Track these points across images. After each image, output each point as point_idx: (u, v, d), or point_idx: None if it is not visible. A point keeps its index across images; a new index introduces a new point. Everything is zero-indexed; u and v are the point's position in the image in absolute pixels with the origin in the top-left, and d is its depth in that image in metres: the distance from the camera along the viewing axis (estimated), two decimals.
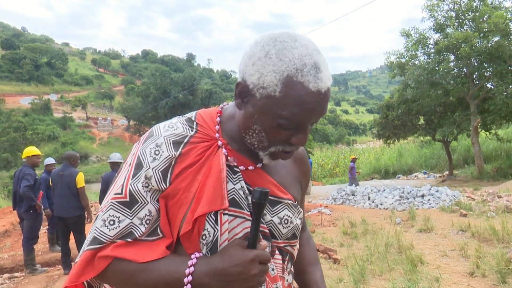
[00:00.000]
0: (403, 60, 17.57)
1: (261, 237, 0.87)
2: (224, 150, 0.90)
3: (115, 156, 6.72)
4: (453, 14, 16.58)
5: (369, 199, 10.70)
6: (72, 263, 5.68)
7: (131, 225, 0.83)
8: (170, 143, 0.88)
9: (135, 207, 0.84)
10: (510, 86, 15.02)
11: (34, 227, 5.94)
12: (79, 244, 5.65)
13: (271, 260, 0.88)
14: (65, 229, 5.55)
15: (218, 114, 0.96)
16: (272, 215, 0.91)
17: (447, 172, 19.01)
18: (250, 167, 0.92)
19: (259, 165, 0.93)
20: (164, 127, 0.91)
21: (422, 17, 17.23)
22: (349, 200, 11.29)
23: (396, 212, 8.64)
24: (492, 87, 16.31)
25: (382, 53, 19.94)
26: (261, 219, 0.87)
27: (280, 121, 0.82)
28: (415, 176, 21.28)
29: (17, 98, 73.00)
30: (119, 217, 0.83)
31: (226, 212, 0.85)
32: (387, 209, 9.34)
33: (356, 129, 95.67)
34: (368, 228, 6.86)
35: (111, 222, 0.83)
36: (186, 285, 0.79)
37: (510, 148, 19.06)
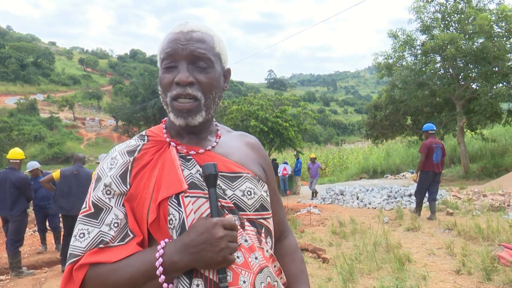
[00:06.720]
0: (390, 61, 17.74)
1: (226, 212, 0.91)
2: (173, 144, 0.98)
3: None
4: (439, 15, 16.80)
5: (357, 198, 10.79)
6: None
7: (101, 233, 0.87)
8: (124, 152, 0.96)
9: (101, 215, 0.89)
10: (495, 87, 15.27)
11: (19, 229, 5.85)
12: None
13: (243, 232, 0.92)
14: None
15: (163, 123, 1.07)
16: (233, 190, 0.95)
17: None
18: (201, 151, 0.99)
19: (208, 147, 1.01)
20: (119, 144, 1.02)
21: (409, 18, 17.45)
22: (338, 199, 11.37)
23: (384, 211, 8.74)
24: (477, 88, 16.56)
25: (370, 54, 20.14)
26: (220, 193, 0.92)
27: (162, 65, 0.95)
28: (403, 175, 21.48)
29: (2, 98, 71.55)
30: (87, 229, 0.88)
31: (188, 194, 0.90)
32: (375, 208, 9.44)
33: (345, 129, 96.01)
34: (357, 228, 6.92)
35: (81, 235, 0.88)
36: (158, 268, 0.82)
37: (494, 147, 19.39)
